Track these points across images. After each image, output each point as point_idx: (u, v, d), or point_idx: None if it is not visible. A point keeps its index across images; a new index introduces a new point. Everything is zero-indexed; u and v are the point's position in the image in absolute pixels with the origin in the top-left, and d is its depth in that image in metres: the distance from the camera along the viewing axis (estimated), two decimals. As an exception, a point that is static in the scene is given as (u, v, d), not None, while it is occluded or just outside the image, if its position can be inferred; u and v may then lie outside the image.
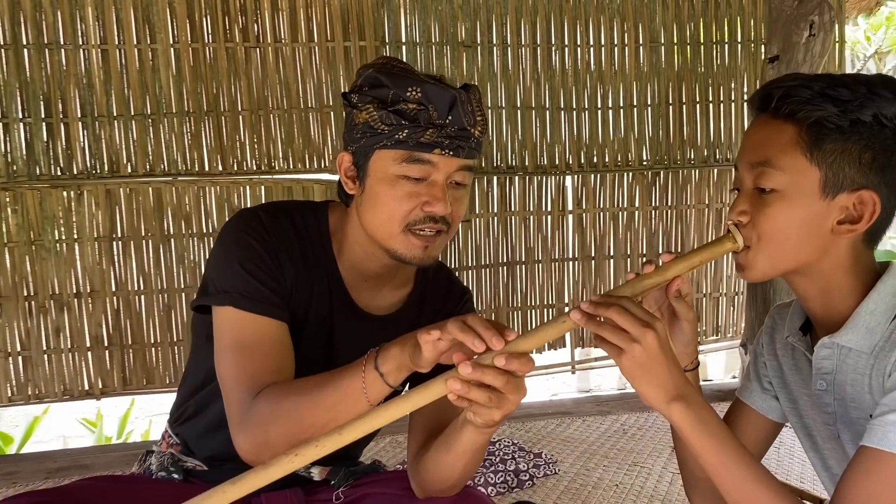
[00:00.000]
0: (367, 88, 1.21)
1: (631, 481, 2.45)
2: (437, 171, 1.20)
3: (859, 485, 0.97)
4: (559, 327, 1.01)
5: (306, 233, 1.31)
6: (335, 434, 0.99)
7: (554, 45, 3.45)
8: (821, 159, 1.02)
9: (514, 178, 3.49)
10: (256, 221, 1.27)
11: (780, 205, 1.04)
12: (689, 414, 0.99)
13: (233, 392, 1.20)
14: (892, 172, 1.04)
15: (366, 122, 1.20)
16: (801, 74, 1.08)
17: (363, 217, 1.25)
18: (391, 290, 1.37)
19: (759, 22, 3.60)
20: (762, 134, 1.07)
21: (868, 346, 1.06)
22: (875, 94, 1.01)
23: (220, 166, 3.17)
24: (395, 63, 1.24)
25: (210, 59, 3.11)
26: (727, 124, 3.68)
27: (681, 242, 3.72)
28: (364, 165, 1.23)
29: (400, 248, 1.23)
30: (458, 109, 1.18)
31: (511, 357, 0.97)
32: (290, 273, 1.27)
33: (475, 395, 0.97)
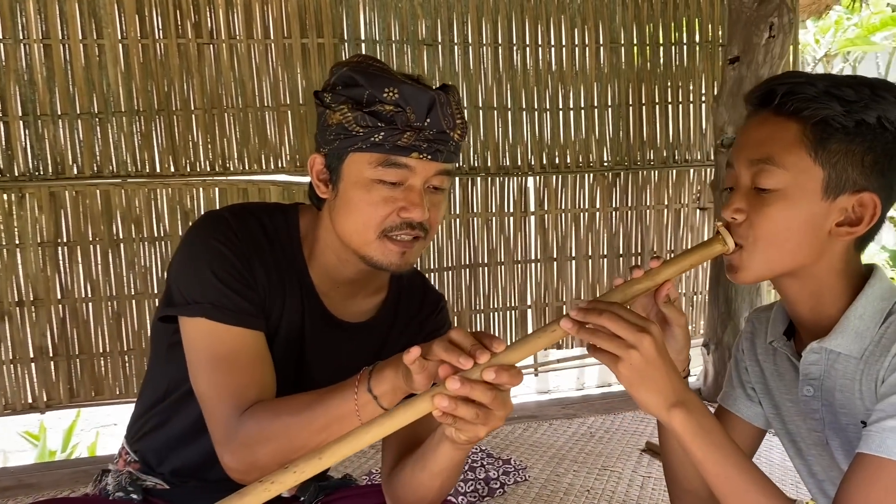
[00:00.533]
0: (341, 88, 1.15)
1: (602, 486, 2.42)
2: (415, 176, 1.14)
3: (860, 493, 0.95)
4: (549, 336, 0.97)
5: (276, 237, 1.24)
6: (314, 458, 0.92)
7: (515, 44, 3.42)
8: (825, 159, 1.00)
9: (476, 179, 3.45)
10: (224, 225, 1.19)
11: (782, 204, 1.01)
12: (690, 421, 0.95)
13: (216, 410, 1.13)
14: (890, 176, 1.02)
15: (339, 124, 1.14)
16: (803, 72, 1.06)
17: (337, 222, 1.19)
18: (364, 297, 1.32)
19: (716, 23, 3.63)
20: (764, 131, 1.04)
21: (858, 350, 1.05)
22: (879, 97, 1.00)
23: (171, 167, 3.05)
24: (371, 62, 1.17)
25: (161, 56, 2.99)
26: (686, 125, 3.70)
27: (640, 243, 3.73)
28: (337, 168, 1.17)
29: (376, 255, 1.17)
30: (436, 111, 1.12)
31: (500, 370, 0.92)
32: (262, 279, 1.20)
33: (462, 411, 0.92)
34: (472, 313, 3.53)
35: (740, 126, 1.11)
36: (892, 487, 0.93)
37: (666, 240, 3.76)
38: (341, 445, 0.92)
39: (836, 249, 1.04)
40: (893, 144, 1.01)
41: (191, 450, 1.27)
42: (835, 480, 1.13)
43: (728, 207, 1.05)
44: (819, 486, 1.20)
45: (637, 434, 2.91)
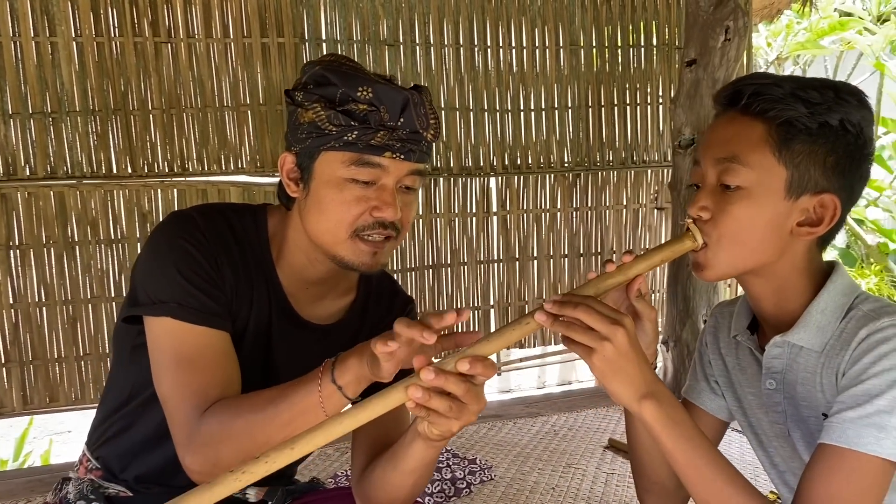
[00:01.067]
0: (313, 86, 1.14)
1: (567, 483, 2.44)
2: (388, 175, 1.14)
3: (821, 484, 0.97)
4: (522, 329, 0.98)
5: (244, 237, 1.23)
6: (286, 449, 0.91)
7: (477, 45, 3.43)
8: (788, 159, 1.02)
9: (438, 180, 3.45)
10: (191, 224, 1.18)
11: (745, 203, 1.03)
12: (660, 412, 0.97)
13: (178, 410, 1.11)
14: (852, 178, 1.05)
15: (312, 122, 1.13)
16: (770, 74, 1.09)
17: (307, 221, 1.18)
18: (333, 298, 1.31)
19: (673, 26, 3.70)
20: (730, 130, 1.06)
21: (819, 344, 1.07)
22: (842, 100, 1.02)
23: (128, 168, 2.99)
24: (343, 61, 1.17)
25: (117, 55, 2.92)
26: (643, 127, 3.76)
27: (600, 243, 3.77)
28: (309, 167, 1.16)
29: (347, 255, 1.17)
30: (410, 111, 1.13)
31: (475, 361, 0.93)
32: (230, 279, 1.19)
33: (436, 403, 0.93)
34: (436, 314, 3.52)
35: (702, 128, 1.13)
36: (853, 476, 0.96)
37: (625, 239, 3.81)
38: (314, 435, 0.92)
39: (797, 248, 1.07)
40: (855, 147, 1.03)
41: (155, 455, 1.25)
42: (796, 471, 1.16)
43: (694, 205, 1.07)
44: (781, 476, 1.23)
45: (600, 431, 2.94)
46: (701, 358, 1.31)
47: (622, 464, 2.60)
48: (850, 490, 0.96)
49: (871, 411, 0.95)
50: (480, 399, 0.96)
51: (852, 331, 1.03)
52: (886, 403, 0.95)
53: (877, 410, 0.95)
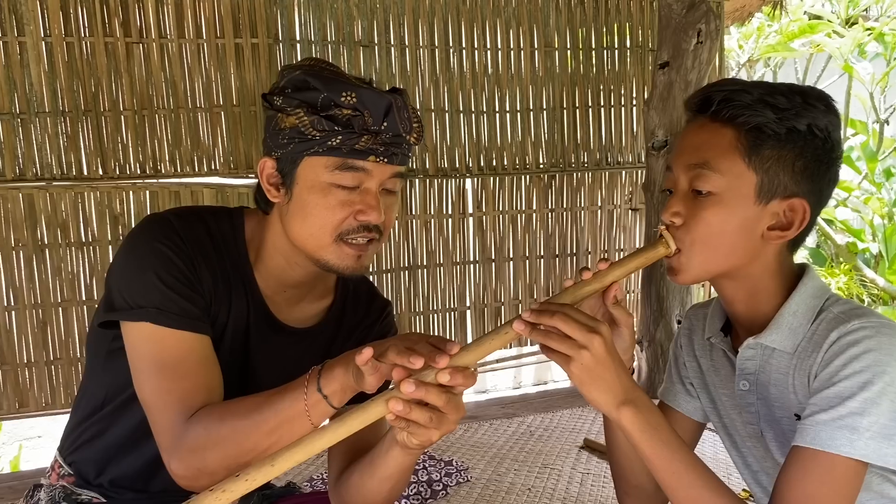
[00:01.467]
0: (292, 91, 1.14)
1: (543, 484, 2.45)
2: (371, 179, 1.15)
3: (796, 486, 0.98)
4: (502, 338, 0.98)
5: (222, 240, 1.22)
6: (266, 465, 0.91)
7: (452, 47, 3.43)
8: (758, 164, 1.04)
9: (414, 182, 3.44)
10: (168, 227, 1.17)
11: (717, 208, 1.05)
12: (638, 418, 0.99)
13: (162, 416, 1.10)
14: (820, 181, 1.07)
15: (294, 127, 1.12)
16: (738, 80, 1.10)
17: (290, 226, 1.18)
18: (310, 301, 1.31)
19: (646, 29, 3.72)
20: (701, 136, 1.07)
21: (791, 346, 1.09)
22: (809, 105, 1.04)
23: (100, 170, 2.94)
24: (324, 65, 1.17)
25: (87, 55, 2.88)
26: (617, 128, 3.78)
27: (575, 243, 3.79)
28: (291, 172, 1.15)
29: (332, 259, 1.17)
30: (393, 115, 1.13)
31: (455, 372, 0.93)
32: (208, 282, 1.18)
33: (416, 415, 0.93)
34: (412, 315, 3.53)
35: (675, 130, 1.14)
36: (826, 478, 0.97)
37: (600, 240, 3.84)
38: (294, 452, 0.91)
39: (769, 251, 1.09)
40: (823, 151, 1.05)
41: (132, 458, 1.24)
42: (769, 471, 1.18)
43: (667, 210, 1.08)
44: (754, 476, 1.24)
45: (575, 431, 2.96)
46: (676, 360, 1.32)
47: (597, 464, 2.62)
48: (824, 491, 0.97)
49: (844, 413, 0.97)
50: (460, 409, 0.97)
51: (823, 333, 1.04)
52: (858, 405, 0.96)
53: (849, 412, 0.97)
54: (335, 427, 0.93)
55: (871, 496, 1.08)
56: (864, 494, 1.07)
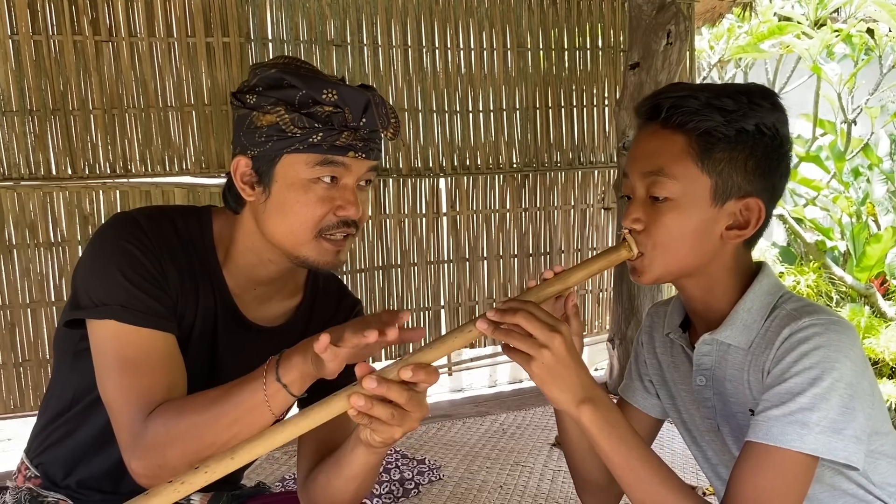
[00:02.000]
0: (265, 89, 1.13)
1: (514, 481, 2.47)
2: (349, 174, 1.16)
3: (749, 480, 1.01)
4: (464, 337, 1.00)
5: (189, 239, 1.22)
6: (226, 458, 0.91)
7: (425, 46, 3.44)
8: (711, 168, 1.06)
9: (388, 181, 3.45)
10: (135, 226, 1.17)
11: (674, 213, 1.07)
12: (597, 415, 1.00)
13: (122, 414, 1.10)
14: (772, 178, 1.09)
15: (273, 125, 1.13)
16: (685, 84, 1.12)
17: (267, 224, 1.18)
18: (280, 300, 1.31)
19: (618, 29, 3.75)
20: (654, 143, 1.09)
21: (745, 342, 1.11)
22: (755, 104, 1.06)
23: (69, 170, 2.92)
24: (299, 63, 1.17)
25: (56, 54, 2.85)
26: (590, 128, 3.81)
27: (549, 242, 3.82)
28: (269, 171, 1.15)
29: (311, 255, 1.17)
30: (372, 111, 1.14)
31: (417, 368, 0.94)
32: (175, 281, 1.18)
33: (378, 411, 0.94)
34: (386, 314, 3.52)
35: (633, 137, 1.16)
36: (779, 472, 0.99)
37: (573, 239, 3.86)
38: (254, 445, 0.91)
39: (727, 250, 1.11)
40: (772, 148, 1.07)
41: (100, 459, 1.24)
42: (727, 464, 1.20)
43: (627, 217, 1.10)
44: (713, 469, 1.27)
45: (547, 429, 2.98)
46: (636, 357, 1.35)
47: (569, 461, 2.63)
48: (775, 485, 0.99)
49: (794, 409, 0.99)
50: (423, 406, 0.97)
51: (776, 330, 1.07)
52: (808, 401, 0.98)
53: (799, 408, 0.99)
54: (296, 421, 0.94)
55: (824, 488, 1.11)
56: (817, 487, 1.10)
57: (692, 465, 2.48)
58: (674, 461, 2.61)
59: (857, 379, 1.01)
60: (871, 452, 1.09)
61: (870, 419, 1.03)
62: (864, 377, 1.03)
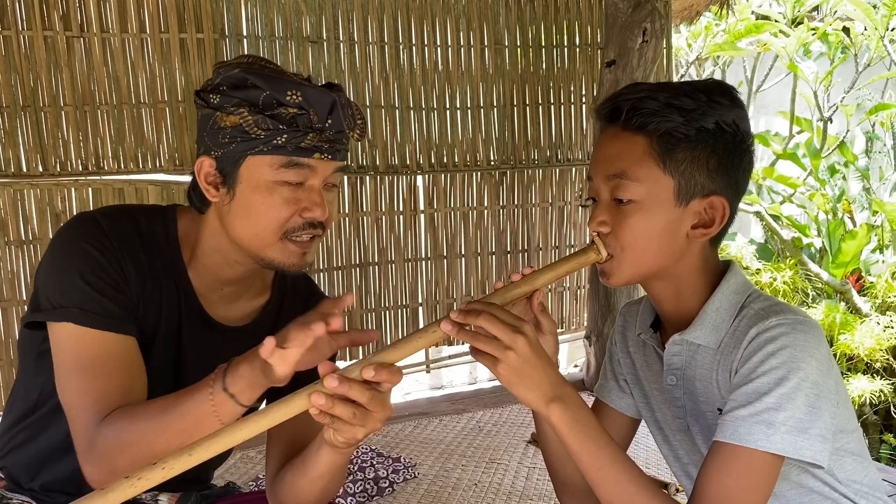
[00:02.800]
0: (229, 88, 1.12)
1: (489, 479, 2.47)
2: (315, 176, 1.15)
3: (716, 479, 1.01)
4: (428, 337, 0.99)
5: (152, 239, 1.20)
6: (184, 455, 0.89)
7: (401, 43, 3.42)
8: (673, 168, 1.06)
9: (365, 178, 3.43)
10: (95, 227, 1.15)
11: (639, 215, 1.07)
12: (566, 414, 1.00)
13: (78, 417, 1.09)
14: (735, 175, 1.09)
15: (237, 126, 1.11)
16: (644, 84, 1.11)
17: (232, 226, 1.16)
18: (247, 299, 1.30)
19: (595, 27, 3.76)
20: (615, 146, 1.09)
21: (714, 341, 1.11)
22: (714, 102, 1.06)
23: (40, 167, 2.87)
24: (263, 63, 1.16)
25: (26, 49, 2.80)
26: (567, 125, 3.81)
27: (527, 240, 3.82)
28: (233, 172, 1.14)
29: (277, 257, 1.16)
30: (338, 112, 1.13)
31: (380, 368, 0.93)
32: (135, 282, 1.16)
33: (339, 410, 0.93)
34: (364, 312, 3.52)
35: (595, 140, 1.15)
36: (745, 471, 1.00)
37: (551, 236, 3.87)
38: (213, 442, 0.90)
39: (694, 249, 1.11)
40: (733, 145, 1.07)
41: (64, 463, 1.22)
42: (697, 463, 1.20)
43: (593, 220, 1.10)
44: (684, 469, 1.27)
45: (524, 426, 2.98)
46: (611, 357, 1.35)
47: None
48: (742, 484, 1.00)
49: (761, 409, 0.99)
50: (385, 406, 0.96)
51: (744, 329, 1.07)
52: (774, 401, 0.99)
53: (766, 408, 0.99)
54: (257, 418, 0.92)
55: (791, 486, 1.11)
56: (783, 485, 1.10)
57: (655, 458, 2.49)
58: (648, 458, 2.62)
59: (822, 378, 1.01)
60: (837, 450, 1.10)
61: (835, 418, 1.03)
62: (830, 376, 1.03)
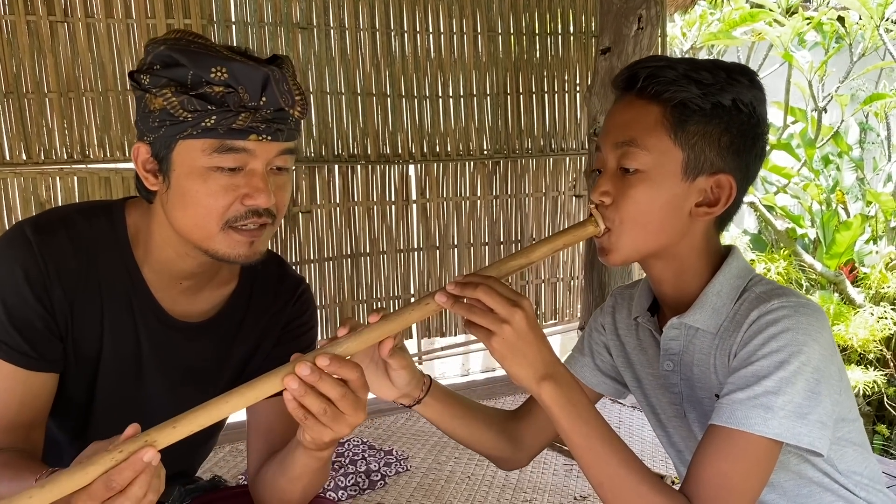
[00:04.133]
0: (159, 68, 1.03)
1: (482, 472, 2.44)
2: (255, 160, 1.05)
3: (710, 463, 0.98)
4: (423, 309, 0.97)
5: (94, 243, 1.13)
6: (168, 427, 0.87)
7: (393, 30, 3.38)
8: (684, 140, 1.03)
9: (356, 167, 3.38)
10: (20, 243, 1.09)
11: (644, 186, 1.04)
12: (558, 393, 0.98)
13: None
14: (745, 157, 1.06)
15: (164, 109, 1.03)
16: (664, 57, 1.09)
17: (172, 216, 1.09)
18: (211, 290, 1.22)
19: (589, 14, 3.72)
20: (628, 114, 1.06)
21: (714, 326, 1.09)
22: (734, 80, 1.03)
23: (23, 155, 2.83)
24: (190, 38, 1.06)
25: (8, 34, 2.75)
26: (561, 114, 3.78)
27: (520, 230, 3.79)
28: (167, 158, 1.06)
29: (221, 248, 1.08)
30: (272, 89, 1.04)
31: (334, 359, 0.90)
32: (62, 303, 1.10)
33: (310, 401, 0.90)
34: (355, 303, 3.48)
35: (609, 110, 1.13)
36: (740, 456, 0.97)
37: (544, 226, 3.83)
38: (197, 415, 0.88)
39: (697, 229, 1.08)
40: (748, 126, 1.04)
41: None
42: (693, 449, 1.18)
43: (596, 190, 1.07)
44: (679, 455, 1.25)
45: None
46: (590, 335, 1.33)
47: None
48: (738, 469, 0.97)
49: (759, 392, 0.97)
50: (358, 411, 0.93)
51: (745, 312, 1.04)
52: (773, 385, 0.96)
53: (764, 391, 0.96)
54: (241, 391, 0.90)
55: (790, 476, 1.09)
56: (782, 474, 1.08)
57: (661, 453, 2.47)
58: (643, 450, 2.60)
59: (824, 363, 0.99)
60: (838, 440, 1.08)
61: (836, 405, 1.01)
62: (833, 362, 1.01)
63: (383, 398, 1.13)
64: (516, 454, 1.29)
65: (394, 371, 1.08)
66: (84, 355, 1.13)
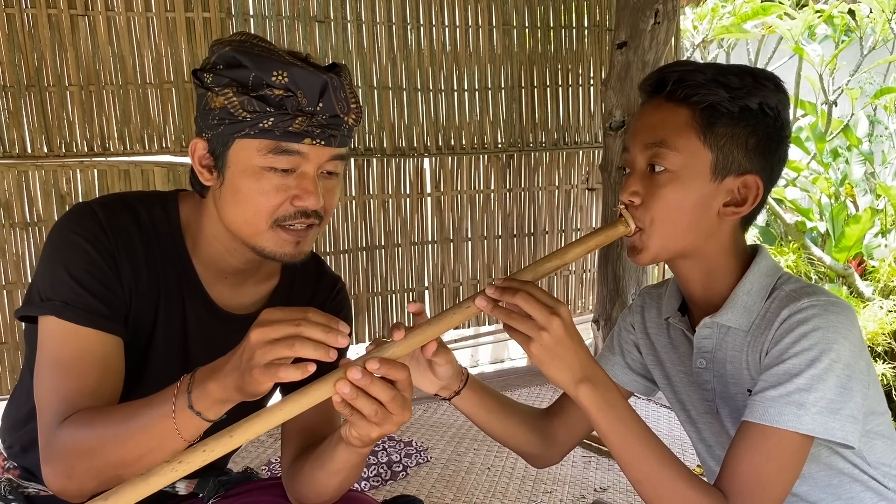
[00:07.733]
0: (223, 68, 1.07)
1: (502, 463, 2.47)
2: (308, 163, 1.08)
3: (744, 459, 1.01)
4: (463, 313, 0.98)
5: (153, 229, 1.16)
6: (225, 437, 0.88)
7: (409, 23, 3.39)
8: (713, 142, 1.05)
9: (371, 161, 3.40)
10: (91, 219, 1.11)
11: (673, 185, 1.06)
12: (595, 395, 1.00)
13: (44, 415, 1.05)
14: (772, 158, 1.09)
15: (224, 108, 1.06)
16: (692, 61, 1.12)
17: (224, 212, 1.12)
18: (254, 285, 1.25)
19: (604, 8, 3.72)
20: (657, 116, 1.08)
21: (746, 324, 1.11)
22: (760, 84, 1.06)
23: (45, 148, 2.85)
24: (255, 41, 1.09)
25: (29, 28, 2.77)
26: (575, 108, 3.79)
27: (533, 223, 3.80)
28: (223, 155, 1.09)
29: (268, 246, 1.11)
30: (329, 95, 1.06)
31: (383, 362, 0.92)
32: (129, 277, 1.13)
33: (361, 403, 0.91)
34: (370, 296, 3.51)
35: (633, 110, 1.15)
36: (774, 452, 1.00)
37: (557, 220, 3.85)
38: (253, 423, 0.89)
39: (724, 229, 1.10)
40: (773, 129, 1.07)
41: None
42: (724, 445, 1.20)
43: (625, 191, 1.09)
44: (710, 451, 1.27)
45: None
46: (620, 333, 1.35)
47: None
48: (771, 465, 1.00)
49: (791, 389, 0.99)
50: (405, 410, 0.94)
51: (775, 311, 1.07)
52: (805, 382, 0.99)
53: (796, 389, 0.99)
54: (294, 399, 0.91)
55: (820, 468, 1.11)
56: (813, 466, 1.10)
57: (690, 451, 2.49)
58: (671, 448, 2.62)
59: (854, 359, 1.01)
60: (867, 433, 1.10)
61: (866, 399, 1.03)
62: (862, 357, 1.03)
63: (425, 391, 1.16)
64: (549, 451, 1.31)
65: (439, 367, 1.12)
66: (138, 334, 1.15)
